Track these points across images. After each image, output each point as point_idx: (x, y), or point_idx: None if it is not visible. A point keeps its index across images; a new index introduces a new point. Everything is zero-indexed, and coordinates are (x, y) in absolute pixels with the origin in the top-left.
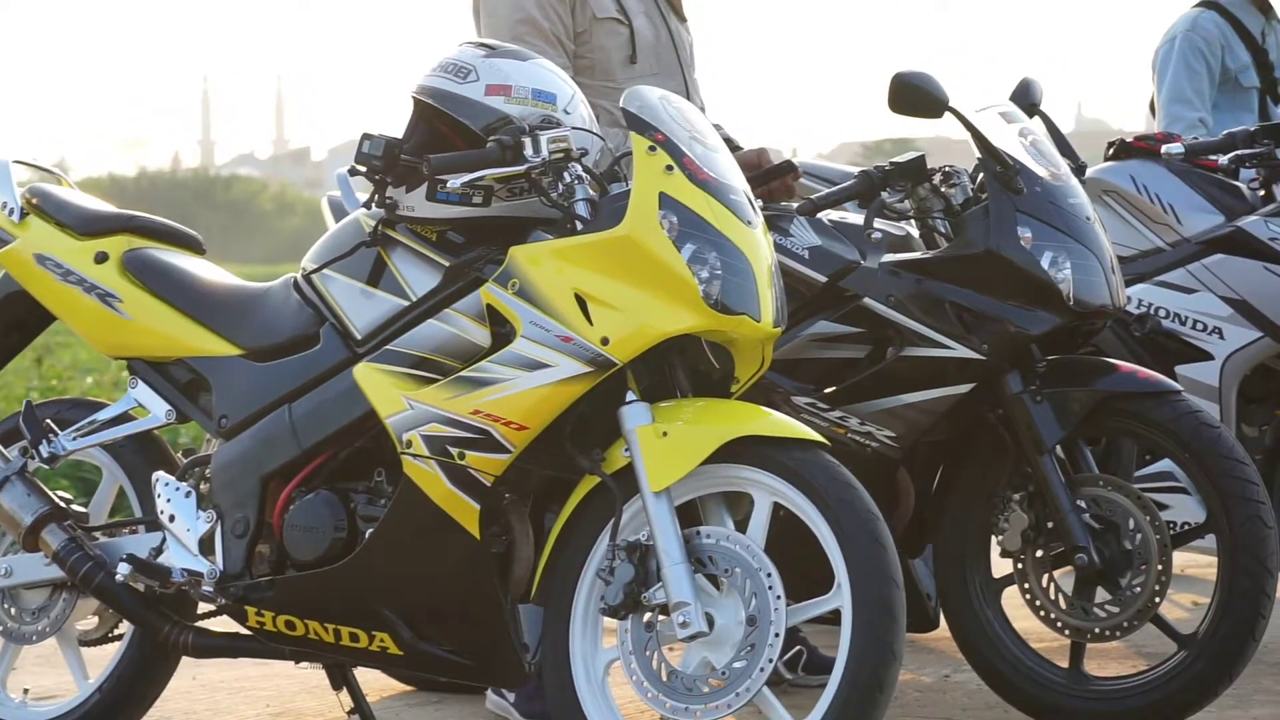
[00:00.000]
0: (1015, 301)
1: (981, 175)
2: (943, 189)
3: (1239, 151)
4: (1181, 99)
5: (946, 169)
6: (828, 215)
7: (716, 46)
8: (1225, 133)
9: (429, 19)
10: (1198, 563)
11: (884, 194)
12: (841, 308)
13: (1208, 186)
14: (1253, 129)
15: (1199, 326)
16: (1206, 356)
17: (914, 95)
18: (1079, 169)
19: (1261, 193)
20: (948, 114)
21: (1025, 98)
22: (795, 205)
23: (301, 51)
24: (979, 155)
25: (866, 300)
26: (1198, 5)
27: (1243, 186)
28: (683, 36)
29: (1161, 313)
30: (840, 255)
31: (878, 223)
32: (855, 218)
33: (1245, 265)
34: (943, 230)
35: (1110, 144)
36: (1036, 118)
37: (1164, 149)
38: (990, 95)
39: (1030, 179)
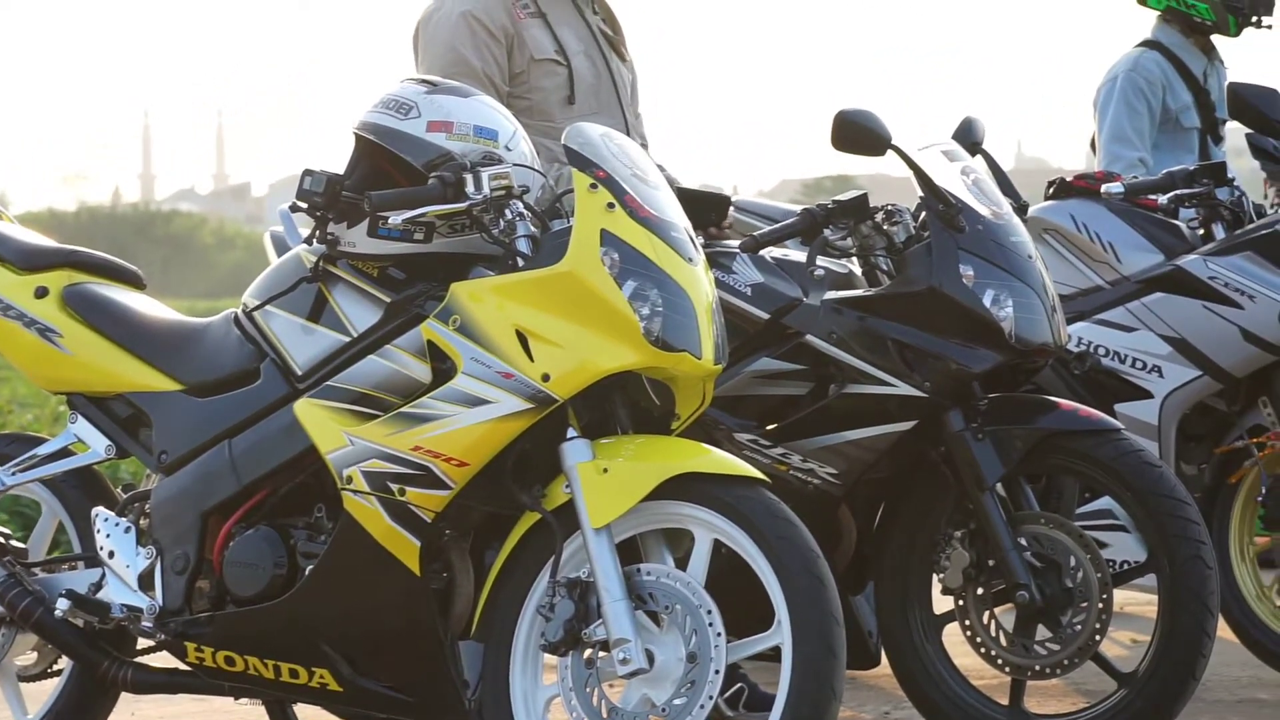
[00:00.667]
0: (957, 339)
1: (924, 213)
2: (885, 227)
3: (1179, 191)
4: (1122, 138)
5: (889, 207)
6: (770, 252)
7: (658, 83)
8: (1165, 172)
9: (372, 55)
10: (1137, 600)
11: (826, 231)
12: (784, 345)
13: (1147, 225)
14: (1192, 169)
15: (1138, 365)
16: (1146, 395)
17: (857, 133)
18: (1021, 207)
19: (1201, 232)
20: (890, 152)
21: (967, 136)
22: (738, 242)
23: (243, 86)
24: (921, 193)
25: (809, 337)
26: (1140, 45)
27: (1182, 226)
28: (623, 75)
29: (1101, 351)
30: (783, 292)
31: (820, 260)
32: (798, 255)
33: (1184, 304)
34: (885, 268)
35: (1051, 183)
36: (978, 156)
37: (1104, 188)
38: (932, 134)
39: (972, 217)
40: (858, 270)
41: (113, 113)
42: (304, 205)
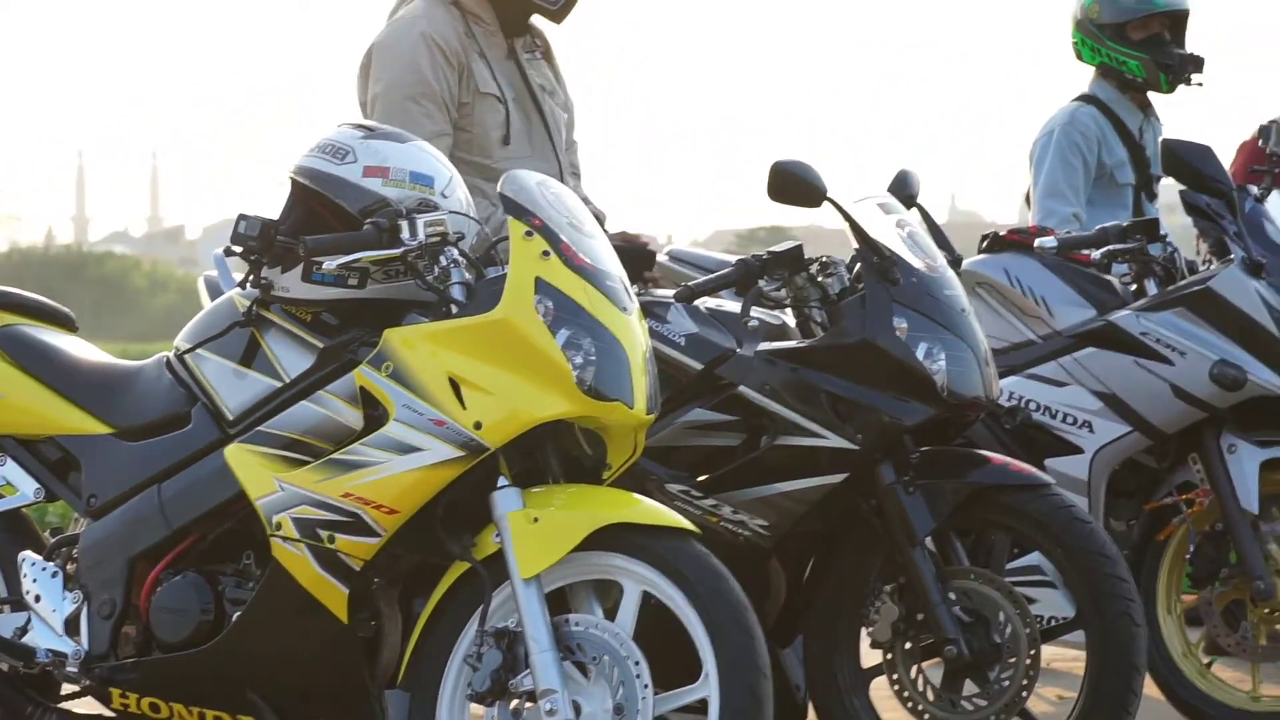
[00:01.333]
0: (889, 392)
1: (858, 266)
2: (819, 278)
3: (1112, 246)
4: (1056, 193)
5: (824, 259)
6: (705, 303)
7: (594, 131)
8: (1099, 228)
9: (310, 97)
10: (1064, 656)
11: (761, 282)
12: (717, 395)
13: (1080, 280)
14: (1126, 224)
15: (1069, 420)
16: (1076, 450)
17: (793, 184)
18: (955, 261)
19: (1133, 287)
20: (826, 204)
21: (902, 189)
22: (673, 292)
23: (177, 128)
24: (856, 246)
25: (742, 388)
26: (1076, 100)
27: (1115, 281)
28: (556, 117)
29: (1032, 405)
30: (717, 343)
31: (755, 311)
32: (732, 306)
33: (1116, 359)
34: (819, 319)
35: (984, 236)
36: (914, 209)
37: (1038, 242)
38: (868, 186)
39: (906, 270)
40: (791, 322)
41: (46, 154)
42: (238, 249)
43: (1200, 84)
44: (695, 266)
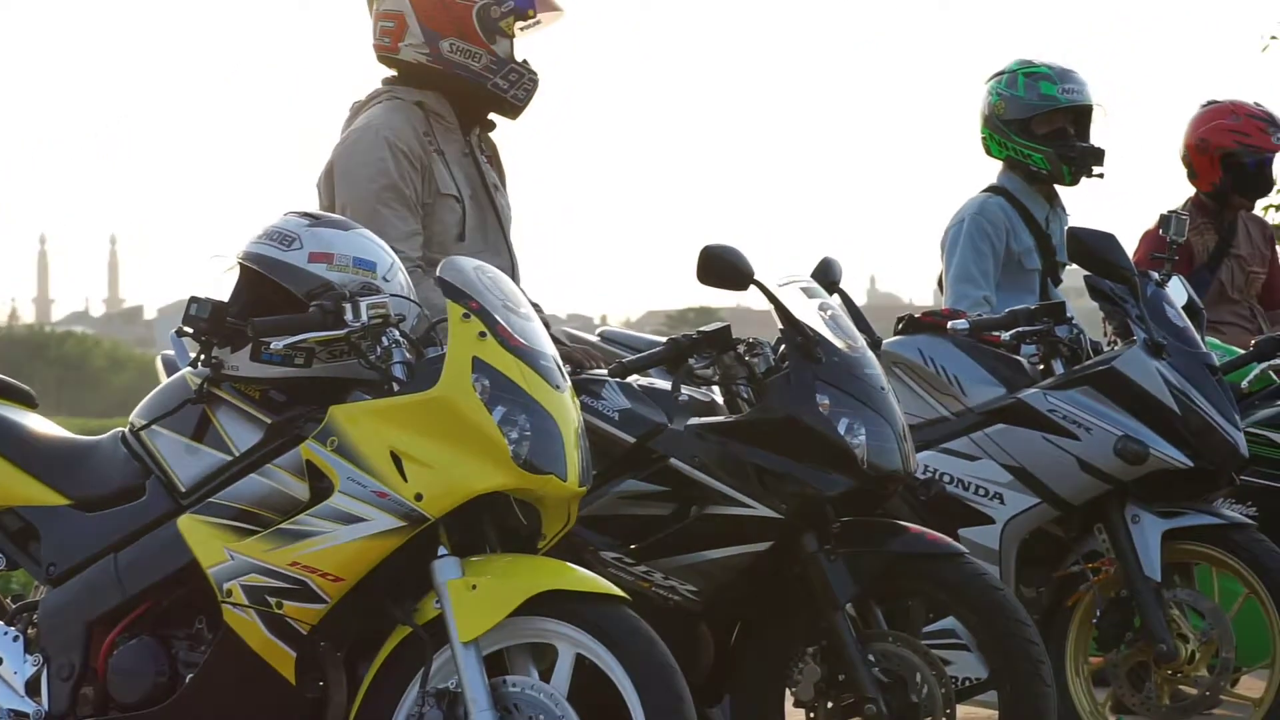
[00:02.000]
0: (813, 464)
1: (783, 346)
2: (747, 358)
3: (1020, 328)
4: (968, 278)
5: (750, 340)
6: (638, 381)
7: (526, 214)
8: (1008, 310)
9: (262, 186)
10: (977, 716)
11: (691, 360)
12: (649, 467)
13: (991, 360)
14: (1034, 307)
15: (981, 492)
16: (988, 520)
17: (721, 267)
18: (874, 343)
19: (1041, 367)
20: (753, 286)
21: (825, 276)
22: (607, 370)
23: (136, 213)
24: (781, 326)
25: (672, 460)
26: (986, 190)
27: (1023, 361)
28: (506, 211)
29: (946, 478)
30: (648, 418)
31: (686, 389)
32: (664, 384)
33: (1025, 435)
34: (746, 396)
35: (900, 318)
36: (836, 294)
37: (950, 324)
38: (793, 270)
39: (829, 350)
40: (720, 399)
41: (9, 238)
42: (190, 330)
43: (1101, 175)
44: (626, 346)
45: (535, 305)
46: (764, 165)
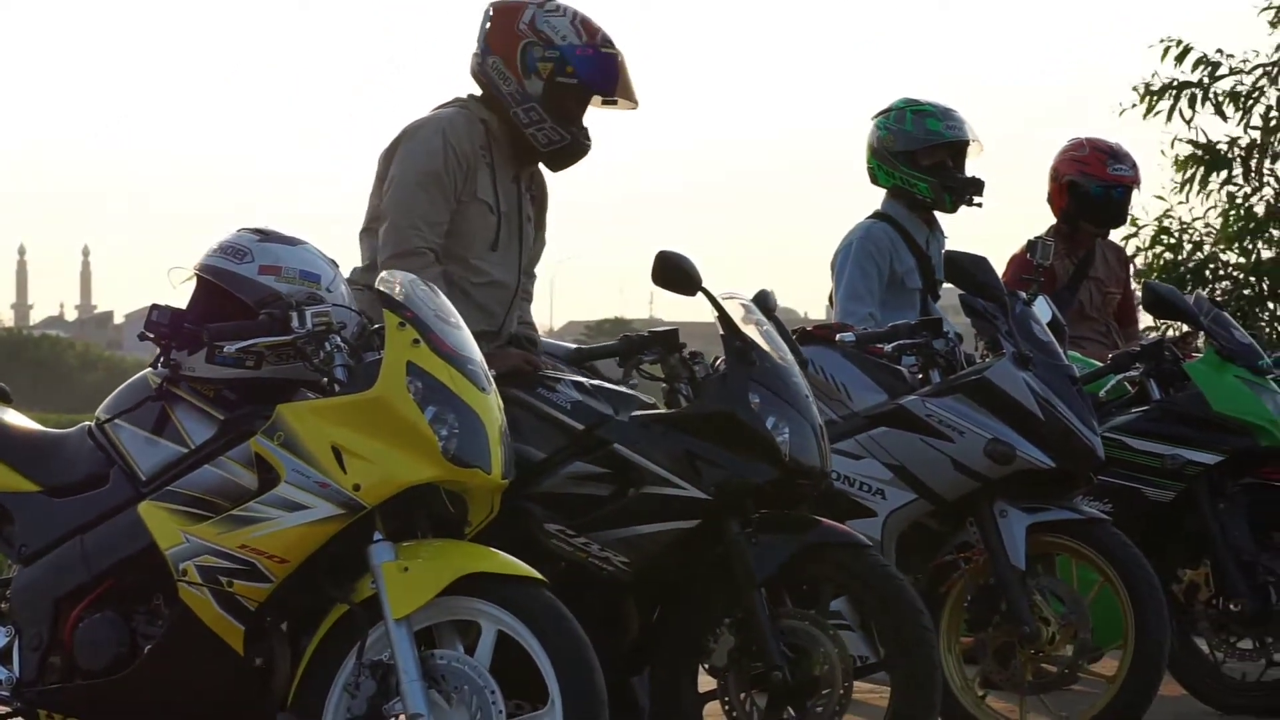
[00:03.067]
0: (741, 454)
1: (716, 359)
2: (690, 362)
3: (901, 341)
4: (855, 296)
5: (693, 351)
6: (589, 381)
7: None
8: (891, 325)
9: (218, 206)
10: (861, 689)
11: (641, 355)
12: (595, 452)
13: (875, 370)
14: (914, 323)
15: (865, 488)
16: (871, 513)
17: (675, 272)
18: (801, 361)
19: (920, 376)
20: (701, 294)
21: (762, 304)
22: (568, 353)
23: (108, 224)
24: (722, 331)
25: (616, 446)
26: (871, 216)
27: (904, 370)
28: (529, 243)
29: (834, 474)
30: (597, 409)
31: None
32: (613, 385)
33: (905, 437)
34: (685, 394)
35: (794, 331)
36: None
37: (839, 337)
38: (735, 289)
39: (762, 356)
40: (659, 403)
41: None
42: (151, 335)
43: (980, 204)
44: (550, 355)
45: (531, 324)
46: (677, 184)
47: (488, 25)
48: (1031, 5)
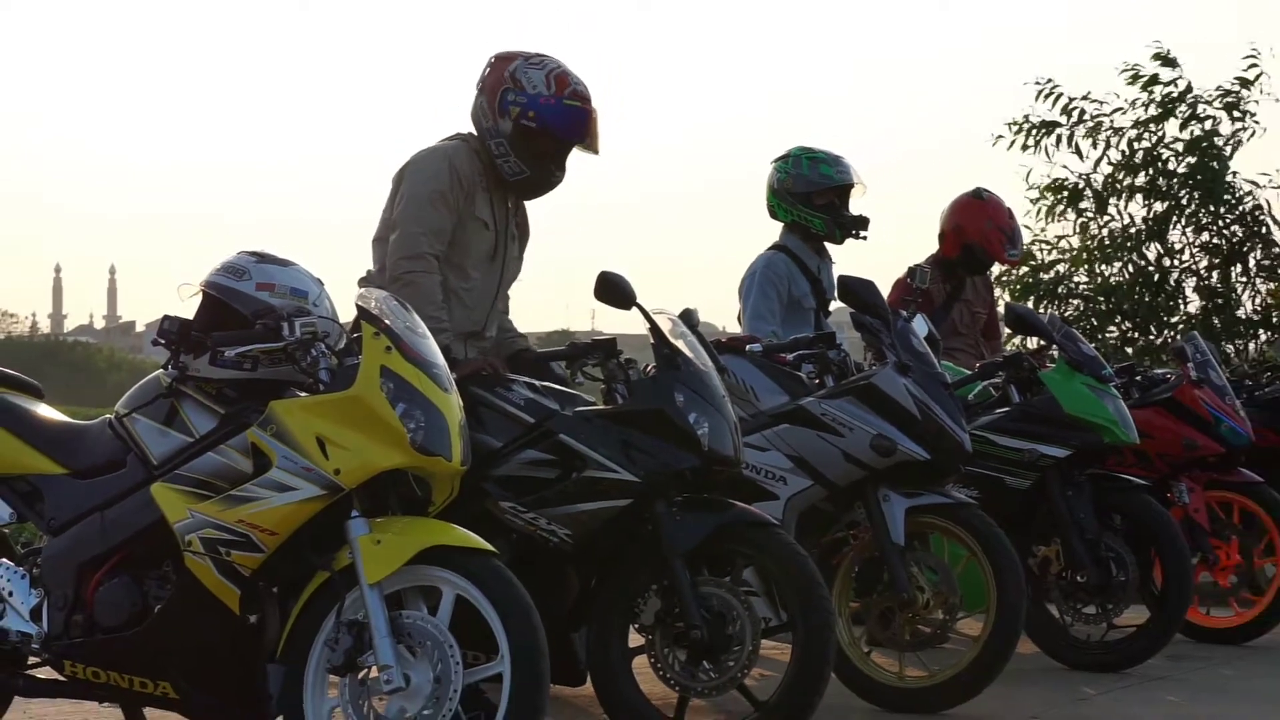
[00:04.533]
0: (668, 444)
1: (647, 365)
2: (626, 367)
3: (801, 352)
4: (760, 316)
5: (628, 358)
6: (540, 383)
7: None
8: (792, 338)
9: (232, 221)
10: (766, 646)
11: (586, 358)
12: (544, 441)
13: (778, 375)
14: (811, 336)
15: (769, 475)
16: (774, 497)
17: (614, 290)
18: (720, 368)
19: (816, 381)
20: (635, 308)
21: (688, 320)
22: (523, 351)
23: (132, 245)
24: (653, 340)
25: (562, 436)
26: (771, 248)
27: (803, 376)
28: (510, 263)
29: (744, 464)
30: (546, 405)
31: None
32: (559, 387)
33: (803, 432)
34: (620, 393)
35: (712, 343)
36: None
37: (748, 348)
38: (664, 306)
39: (686, 362)
40: (601, 405)
41: (33, 268)
42: (163, 341)
43: (865, 238)
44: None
45: (521, 335)
46: (608, 206)
47: (486, 70)
48: (926, 54)
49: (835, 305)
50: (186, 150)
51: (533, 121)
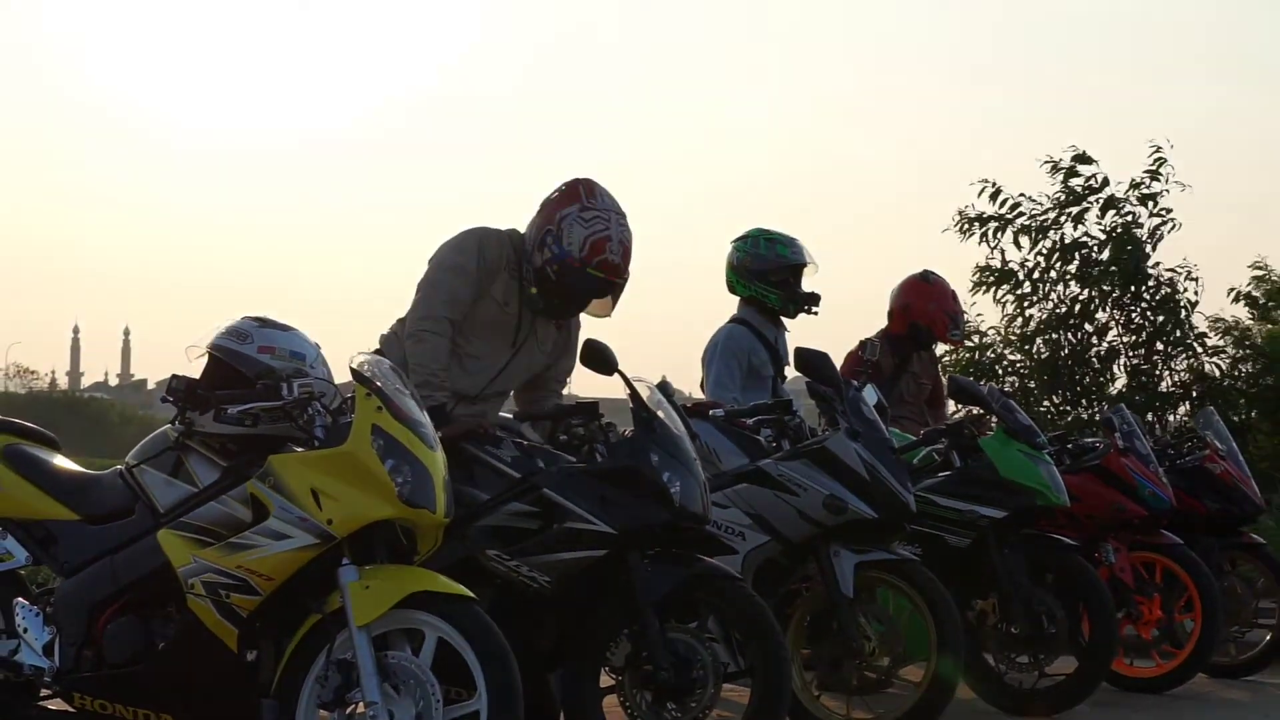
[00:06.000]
0: (642, 499)
1: (625, 429)
2: (606, 430)
3: (760, 417)
4: (722, 385)
5: (609, 421)
6: (526, 442)
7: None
8: (751, 404)
9: (239, 290)
10: (727, 690)
11: (570, 420)
12: (529, 495)
13: (739, 438)
14: (769, 403)
15: (730, 530)
16: (734, 551)
17: (598, 356)
18: (692, 434)
19: (774, 444)
20: (617, 375)
21: (664, 389)
22: (515, 415)
23: (144, 310)
24: (632, 405)
25: (545, 490)
26: (731, 320)
27: (762, 440)
28: (532, 360)
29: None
30: (532, 462)
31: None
32: (544, 446)
33: (761, 491)
34: (600, 452)
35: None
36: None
37: (711, 413)
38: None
39: (662, 426)
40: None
41: (53, 330)
42: (171, 399)
43: (816, 313)
44: (505, 428)
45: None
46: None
47: (554, 194)
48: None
49: (791, 374)
50: (201, 217)
51: (554, 275)
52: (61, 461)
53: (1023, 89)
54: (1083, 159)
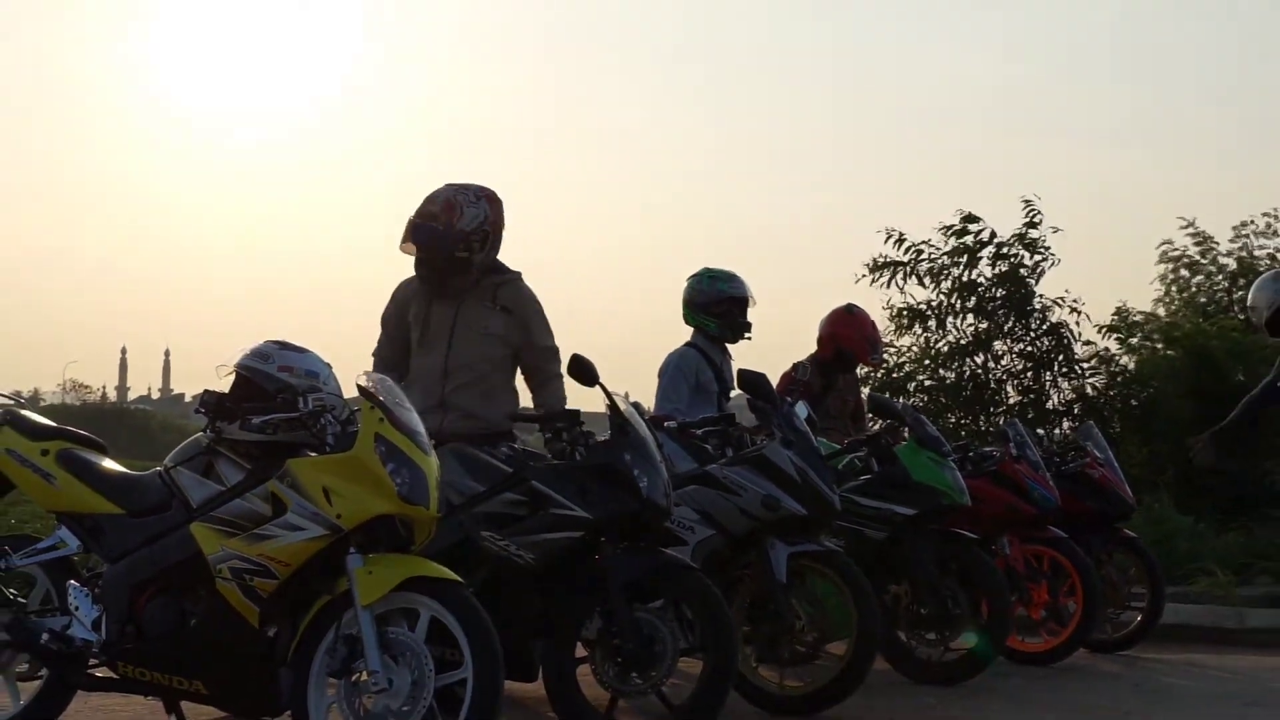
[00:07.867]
0: (615, 491)
1: (603, 436)
2: (586, 435)
3: (707, 428)
4: (669, 399)
5: (589, 429)
6: (516, 445)
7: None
8: (700, 418)
9: (265, 323)
10: (682, 662)
11: (556, 423)
12: (519, 486)
13: (689, 446)
14: (715, 416)
15: (681, 525)
16: (684, 543)
17: (582, 370)
18: (659, 443)
19: (719, 452)
20: (598, 386)
21: (637, 408)
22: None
23: (183, 333)
24: (610, 414)
25: (534, 482)
26: (685, 344)
27: (709, 448)
28: (468, 347)
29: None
30: (522, 460)
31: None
32: (532, 448)
33: (709, 492)
34: (581, 454)
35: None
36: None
37: (665, 424)
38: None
39: (634, 430)
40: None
41: (105, 351)
42: (203, 411)
43: (750, 338)
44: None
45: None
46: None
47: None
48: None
49: (735, 392)
50: (234, 249)
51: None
52: (109, 464)
53: (918, 153)
54: (970, 219)
